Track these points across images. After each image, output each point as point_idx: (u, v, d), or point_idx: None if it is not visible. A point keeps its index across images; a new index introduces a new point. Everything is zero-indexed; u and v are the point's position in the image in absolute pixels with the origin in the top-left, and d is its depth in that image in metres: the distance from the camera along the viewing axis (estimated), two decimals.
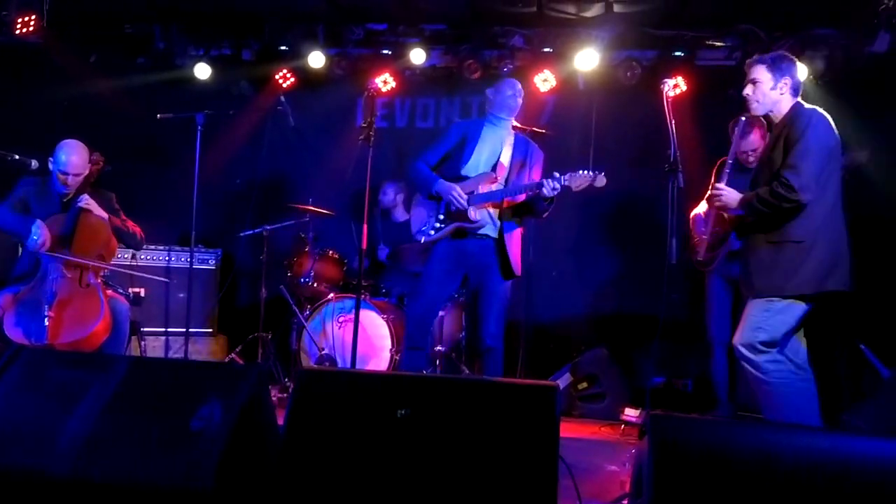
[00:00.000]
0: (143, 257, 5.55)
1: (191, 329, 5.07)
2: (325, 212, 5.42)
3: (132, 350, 4.62)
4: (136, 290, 5.23)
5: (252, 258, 5.89)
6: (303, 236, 5.47)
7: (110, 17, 5.94)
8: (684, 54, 5.57)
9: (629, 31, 5.55)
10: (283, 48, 6.04)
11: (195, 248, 5.03)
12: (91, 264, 4.13)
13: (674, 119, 3.32)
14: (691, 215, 4.62)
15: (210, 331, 5.89)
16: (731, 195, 3.38)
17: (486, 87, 4.30)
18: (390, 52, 5.96)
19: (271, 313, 5.53)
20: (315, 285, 5.34)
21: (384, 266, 5.67)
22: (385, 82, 5.91)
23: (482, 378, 3.71)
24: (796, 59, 3.42)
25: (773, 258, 3.30)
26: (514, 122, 4.21)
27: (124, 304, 4.30)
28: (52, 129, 4.63)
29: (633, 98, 5.61)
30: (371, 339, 5.09)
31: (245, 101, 6.25)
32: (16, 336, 3.83)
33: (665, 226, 3.27)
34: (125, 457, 2.29)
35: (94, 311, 4.00)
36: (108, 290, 4.27)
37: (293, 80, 6.12)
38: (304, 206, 5.38)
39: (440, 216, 4.10)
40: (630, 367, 5.25)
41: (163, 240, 5.74)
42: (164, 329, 5.64)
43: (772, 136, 3.41)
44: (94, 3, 5.70)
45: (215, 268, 5.94)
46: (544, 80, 5.77)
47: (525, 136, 4.21)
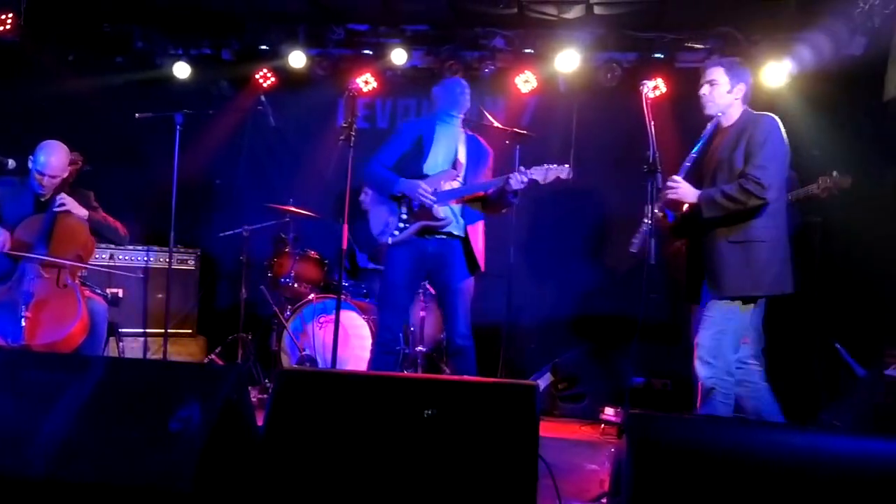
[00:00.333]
0: (121, 257, 5.51)
1: (170, 330, 5.02)
2: (306, 212, 5.40)
3: (110, 351, 4.59)
4: (114, 290, 5.19)
5: (232, 259, 5.86)
6: (283, 237, 5.45)
7: (89, 16, 5.89)
8: (664, 56, 5.62)
9: (609, 32, 5.60)
10: (264, 48, 6.02)
11: (174, 249, 5.00)
12: (68, 264, 4.10)
13: (653, 120, 3.35)
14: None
15: (189, 332, 5.85)
16: (687, 188, 3.42)
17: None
18: (371, 53, 5.96)
19: (251, 314, 5.51)
20: (296, 286, 5.33)
21: (365, 270, 5.67)
22: (366, 83, 5.91)
23: (462, 378, 3.71)
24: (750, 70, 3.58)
25: (745, 257, 3.35)
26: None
27: (102, 305, 4.27)
28: (30, 129, 4.58)
29: (613, 99, 5.65)
30: (352, 339, 5.09)
31: (225, 101, 6.22)
32: None
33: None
34: (103, 458, 2.27)
35: (72, 311, 3.97)
36: (86, 291, 4.24)
37: (274, 80, 6.10)
38: (284, 207, 5.37)
39: (403, 215, 4.01)
40: (610, 368, 5.27)
41: (142, 240, 5.70)
42: (142, 330, 5.60)
43: (728, 139, 3.48)
44: (73, 2, 5.65)
45: (194, 268, 5.90)
46: (525, 81, 5.80)
47: (474, 134, 4.22)
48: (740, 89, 3.50)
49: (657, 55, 5.64)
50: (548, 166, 3.88)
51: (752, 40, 5.38)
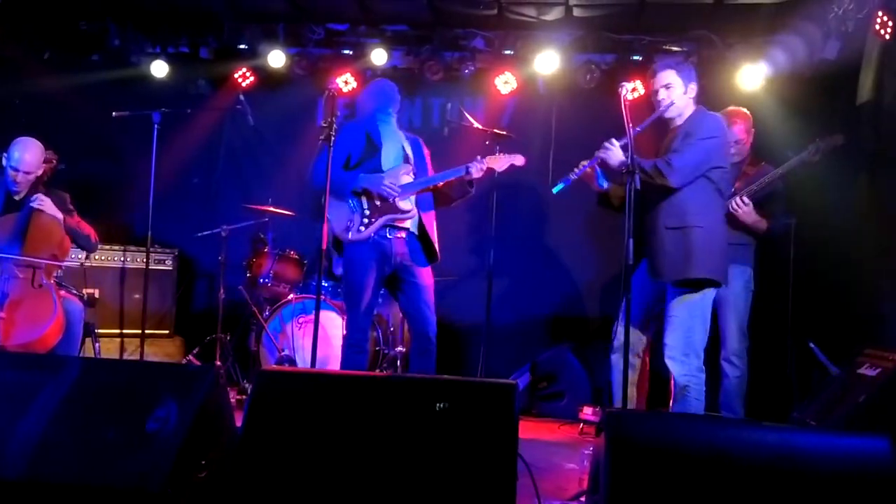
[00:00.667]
0: (97, 257, 5.44)
1: (147, 330, 4.97)
2: (285, 212, 5.38)
3: (85, 352, 4.54)
4: (90, 290, 5.14)
5: (210, 259, 5.81)
6: (262, 236, 5.42)
7: (64, 13, 5.83)
8: (642, 58, 5.67)
9: (588, 34, 5.64)
10: (243, 47, 5.99)
11: (151, 249, 4.96)
12: (44, 263, 4.06)
13: (631, 122, 3.38)
14: None
15: (167, 332, 5.81)
16: (617, 152, 3.47)
17: (448, 90, 4.33)
18: (351, 53, 5.95)
19: (230, 314, 5.47)
20: (274, 286, 5.31)
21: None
22: (346, 82, 5.89)
23: (441, 377, 3.71)
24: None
25: (682, 242, 3.43)
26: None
27: (78, 305, 4.23)
28: (4, 127, 4.53)
29: (592, 100, 5.68)
30: (331, 339, 5.07)
31: (203, 100, 6.18)
32: None
33: (622, 226, 3.31)
34: (79, 459, 2.25)
35: (47, 311, 3.94)
36: (62, 291, 4.20)
37: (253, 79, 6.06)
38: (263, 207, 5.34)
39: (366, 210, 4.00)
40: (589, 367, 5.30)
41: (118, 240, 5.64)
42: (118, 331, 5.55)
43: (676, 136, 3.55)
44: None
45: (172, 268, 5.85)
46: (505, 83, 5.82)
47: (409, 133, 4.30)
48: (692, 88, 3.57)
49: (635, 57, 5.69)
50: (499, 153, 4.03)
51: (728, 43, 5.46)
